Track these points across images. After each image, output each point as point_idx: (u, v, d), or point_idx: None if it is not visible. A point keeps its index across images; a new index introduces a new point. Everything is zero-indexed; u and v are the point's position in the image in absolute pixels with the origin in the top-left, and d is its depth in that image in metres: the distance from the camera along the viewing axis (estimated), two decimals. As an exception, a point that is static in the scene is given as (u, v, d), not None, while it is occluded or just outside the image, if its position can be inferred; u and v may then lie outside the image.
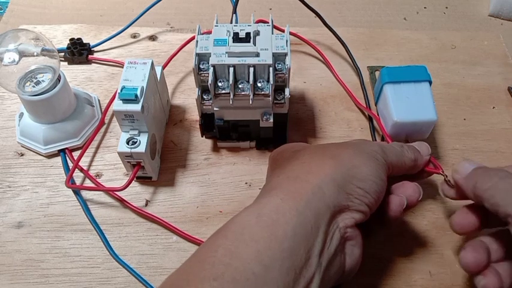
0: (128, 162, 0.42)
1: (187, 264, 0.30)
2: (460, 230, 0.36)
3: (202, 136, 0.48)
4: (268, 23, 0.44)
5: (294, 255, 0.29)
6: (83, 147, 0.47)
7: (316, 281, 0.29)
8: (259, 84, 0.41)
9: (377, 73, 0.54)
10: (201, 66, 0.41)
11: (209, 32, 0.43)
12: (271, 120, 0.43)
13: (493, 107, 0.52)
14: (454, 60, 0.56)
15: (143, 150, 0.41)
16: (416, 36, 0.59)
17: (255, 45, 0.40)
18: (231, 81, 0.40)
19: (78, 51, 0.55)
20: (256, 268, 0.28)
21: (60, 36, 0.58)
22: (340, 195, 0.32)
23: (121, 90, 0.40)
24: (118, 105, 0.40)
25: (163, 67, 0.50)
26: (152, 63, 0.43)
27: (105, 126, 0.50)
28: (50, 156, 0.47)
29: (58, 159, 0.47)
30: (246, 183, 0.46)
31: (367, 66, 0.55)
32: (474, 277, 0.34)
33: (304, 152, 0.36)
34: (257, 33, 0.42)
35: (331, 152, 0.35)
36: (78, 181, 0.46)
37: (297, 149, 0.37)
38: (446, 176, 0.38)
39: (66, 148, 0.47)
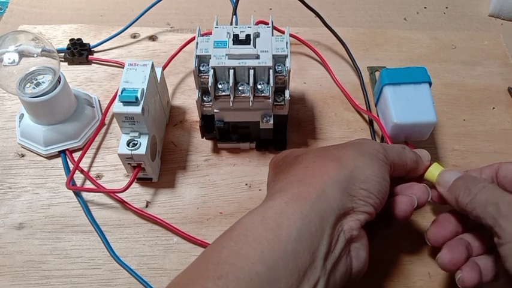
0: (129, 164, 0.42)
1: (193, 265, 0.30)
2: (435, 243, 0.38)
3: (202, 137, 0.48)
4: (268, 24, 0.44)
5: (298, 257, 0.29)
6: (84, 148, 0.47)
7: (321, 285, 0.29)
8: (259, 86, 0.41)
9: (377, 73, 0.54)
10: (201, 68, 0.41)
11: (209, 33, 0.43)
12: (271, 121, 0.43)
13: (493, 108, 0.52)
14: (454, 60, 0.56)
15: (144, 152, 0.41)
16: (416, 36, 0.59)
17: (255, 47, 0.40)
18: (231, 83, 0.40)
19: (78, 52, 0.55)
20: (260, 269, 0.28)
21: (60, 37, 0.58)
22: (344, 198, 0.32)
23: (121, 92, 0.40)
24: (118, 107, 0.40)
25: (164, 67, 0.50)
26: (152, 65, 0.43)
27: (105, 127, 0.50)
28: (51, 157, 0.47)
29: (58, 160, 0.47)
30: (246, 184, 0.46)
31: (367, 67, 0.55)
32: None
33: (307, 156, 0.36)
34: (257, 35, 0.42)
35: (333, 154, 0.35)
36: (78, 182, 0.46)
37: (298, 153, 0.37)
38: None
39: (67, 149, 0.47)
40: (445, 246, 0.36)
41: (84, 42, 0.56)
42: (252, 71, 0.40)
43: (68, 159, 0.47)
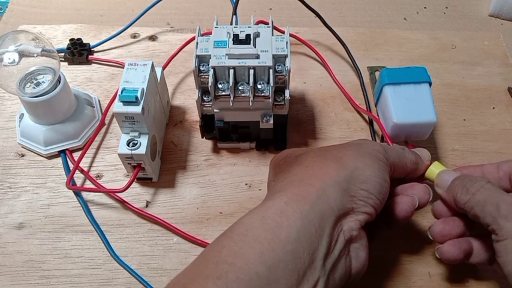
0: (129, 163, 0.42)
1: (192, 264, 0.30)
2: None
3: (202, 137, 0.48)
4: (268, 24, 0.44)
5: (298, 258, 0.29)
6: (84, 148, 0.47)
7: (320, 285, 0.29)
8: (259, 86, 0.41)
9: (377, 73, 0.54)
10: (201, 68, 0.41)
11: (209, 33, 0.43)
12: (271, 121, 0.43)
13: (493, 108, 0.52)
14: (454, 60, 0.56)
15: (144, 152, 0.41)
16: (416, 36, 0.59)
17: (255, 47, 0.40)
18: (231, 83, 0.40)
19: (78, 52, 0.55)
20: (259, 269, 0.28)
21: (60, 37, 0.58)
22: (344, 198, 0.32)
23: (121, 92, 0.40)
24: (118, 107, 0.40)
25: (164, 67, 0.50)
26: (152, 65, 0.43)
27: (105, 127, 0.50)
28: (51, 157, 0.47)
29: (58, 160, 0.47)
30: (246, 184, 0.46)
31: (367, 67, 0.55)
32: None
33: (307, 156, 0.36)
34: (257, 34, 0.42)
35: (333, 154, 0.35)
36: (78, 182, 0.46)
37: (299, 153, 0.37)
38: None
39: (67, 149, 0.47)
40: (440, 220, 0.37)
41: (84, 42, 0.56)
42: (252, 71, 0.40)
43: (68, 159, 0.47)
